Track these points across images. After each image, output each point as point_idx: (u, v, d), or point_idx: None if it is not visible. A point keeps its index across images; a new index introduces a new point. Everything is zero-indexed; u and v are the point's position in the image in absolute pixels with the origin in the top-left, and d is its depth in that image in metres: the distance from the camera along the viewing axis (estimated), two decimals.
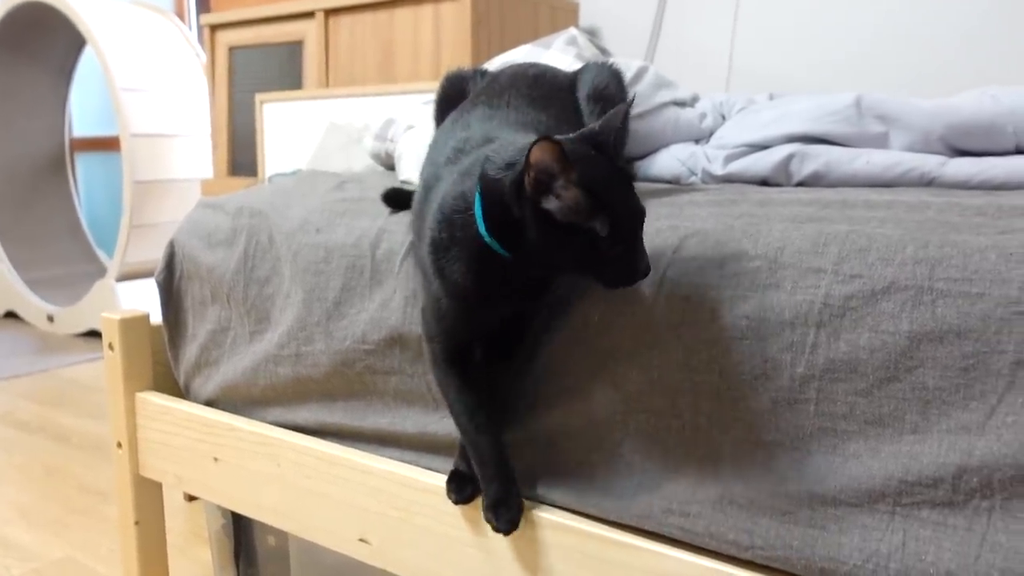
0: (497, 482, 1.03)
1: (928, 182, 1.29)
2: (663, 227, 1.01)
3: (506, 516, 1.02)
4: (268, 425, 1.37)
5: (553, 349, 1.05)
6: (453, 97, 1.24)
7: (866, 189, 1.23)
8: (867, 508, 0.83)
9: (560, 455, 1.05)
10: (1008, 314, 0.77)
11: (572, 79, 1.22)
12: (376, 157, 1.78)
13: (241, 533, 1.68)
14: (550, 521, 1.03)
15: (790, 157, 1.37)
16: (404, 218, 1.25)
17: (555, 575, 1.03)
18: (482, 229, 0.89)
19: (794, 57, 2.32)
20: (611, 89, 1.18)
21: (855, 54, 2.22)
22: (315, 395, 1.32)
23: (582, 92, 1.17)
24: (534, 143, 0.81)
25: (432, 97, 1.31)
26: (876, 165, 1.33)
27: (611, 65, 1.25)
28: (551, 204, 0.83)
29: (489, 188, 0.88)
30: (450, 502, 1.09)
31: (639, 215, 0.87)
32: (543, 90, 1.15)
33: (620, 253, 0.85)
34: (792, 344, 0.88)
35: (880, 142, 1.39)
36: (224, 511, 1.65)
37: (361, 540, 1.23)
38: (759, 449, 0.90)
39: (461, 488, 1.08)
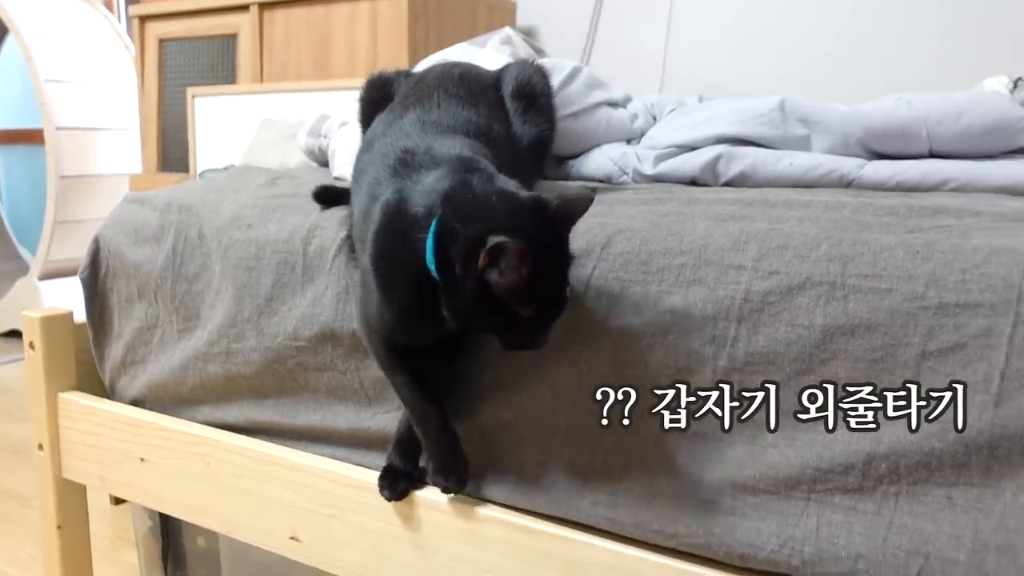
0: (443, 446, 1.04)
1: (847, 183, 1.34)
2: (593, 225, 1.03)
3: (454, 476, 1.04)
4: (197, 424, 1.35)
5: (484, 345, 1.06)
6: (378, 99, 1.25)
7: (788, 189, 1.27)
8: (784, 495, 0.86)
9: (492, 451, 1.06)
10: (914, 308, 0.81)
11: (496, 77, 1.23)
12: (310, 153, 1.77)
13: (169, 535, 1.64)
14: (481, 515, 1.04)
15: (717, 158, 1.41)
16: (336, 214, 1.24)
17: (487, 568, 1.04)
18: (430, 263, 0.88)
19: (725, 61, 2.38)
20: (536, 85, 1.20)
21: (783, 59, 2.29)
22: (246, 393, 1.31)
23: (507, 89, 1.18)
24: (500, 242, 0.79)
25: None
26: (799, 167, 1.37)
27: (534, 62, 1.26)
28: (492, 276, 0.83)
29: (443, 234, 0.87)
30: (379, 498, 1.09)
31: (561, 306, 0.87)
32: (470, 89, 1.16)
33: (530, 330, 0.87)
34: (714, 338, 0.91)
35: (803, 144, 1.43)
36: (151, 513, 1.62)
37: (292, 538, 1.22)
38: (683, 440, 0.93)
39: (395, 484, 1.09)
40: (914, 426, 0.80)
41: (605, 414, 0.97)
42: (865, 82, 2.04)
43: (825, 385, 0.85)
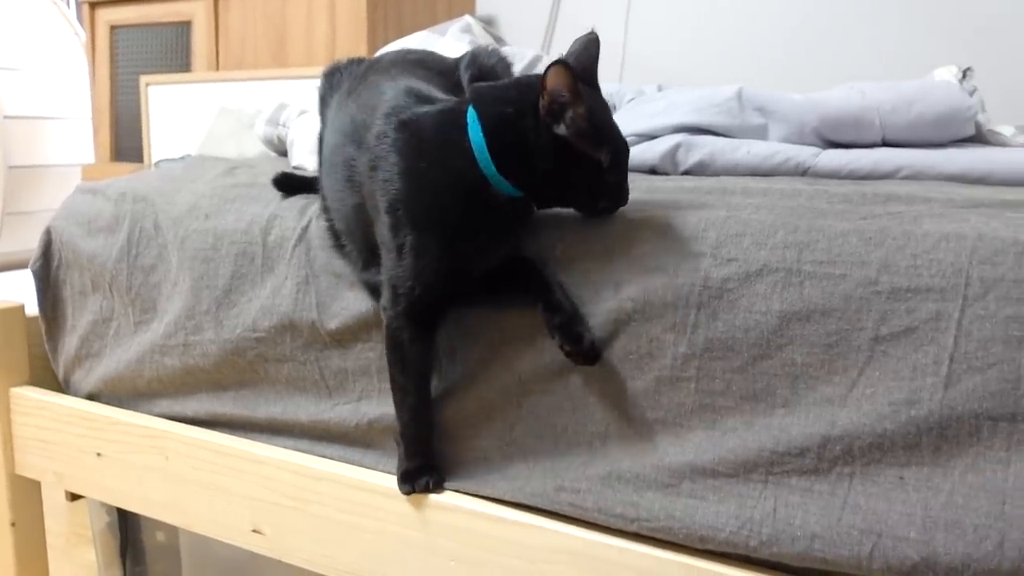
0: (421, 456, 1.05)
1: (803, 172, 1.36)
2: (550, 213, 1.03)
3: (425, 480, 1.04)
4: (154, 417, 1.33)
5: (450, 336, 1.06)
6: (332, 89, 1.23)
7: (746, 177, 1.29)
8: (742, 478, 0.87)
9: (457, 441, 1.06)
10: (867, 293, 0.83)
11: (454, 65, 1.22)
12: (268, 143, 1.75)
13: (128, 530, 1.62)
14: (445, 503, 1.04)
15: (676, 147, 1.42)
16: (296, 203, 1.23)
17: (451, 556, 1.04)
18: (487, 167, 0.93)
19: (684, 50, 2.40)
20: (496, 73, 1.19)
21: (741, 49, 2.32)
22: (205, 385, 1.29)
23: (466, 77, 1.18)
24: (549, 66, 0.88)
25: None
26: (756, 155, 1.39)
27: (493, 49, 1.25)
28: (561, 131, 0.91)
29: (495, 121, 0.93)
30: (344, 487, 1.09)
31: (627, 149, 0.98)
32: (429, 72, 1.16)
33: (615, 181, 0.96)
34: (675, 325, 0.92)
35: (760, 133, 1.45)
36: (109, 508, 1.59)
37: (254, 531, 1.21)
38: (644, 426, 0.94)
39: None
40: (867, 409, 0.82)
41: (568, 402, 0.98)
42: (821, 72, 2.07)
43: (783, 370, 0.86)
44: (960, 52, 1.73)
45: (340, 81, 1.21)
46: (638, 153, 1.45)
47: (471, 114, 0.94)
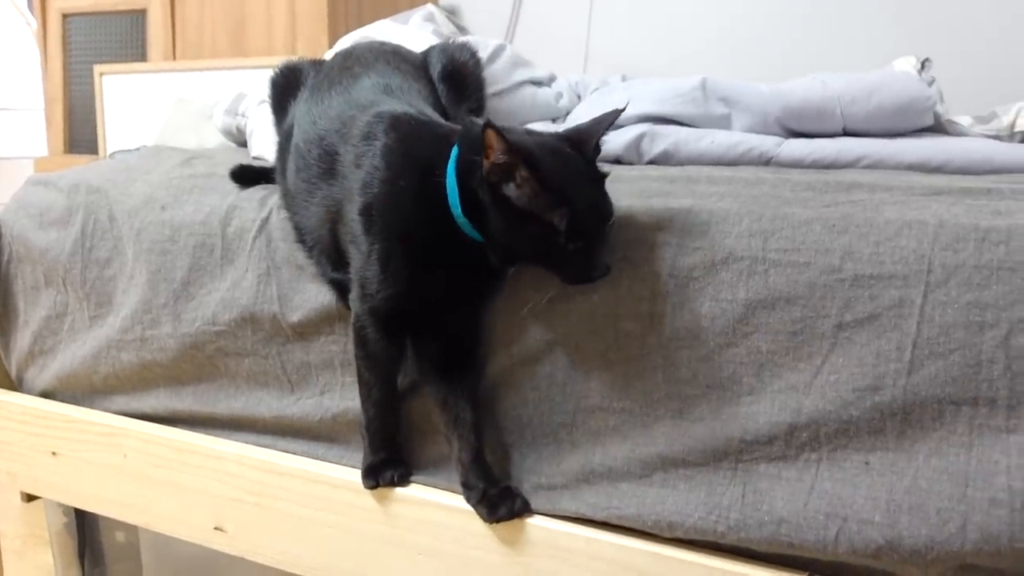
0: (387, 452, 1.04)
1: (766, 161, 1.37)
2: None
3: (388, 474, 1.03)
4: (111, 415, 1.30)
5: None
6: (289, 86, 1.21)
7: (710, 166, 1.29)
8: (712, 466, 0.88)
9: (425, 435, 1.05)
10: (831, 281, 0.84)
11: (423, 59, 1.21)
12: (227, 133, 1.71)
13: (86, 531, 1.58)
14: (411, 497, 1.03)
15: (641, 136, 1.41)
16: (256, 194, 1.21)
17: (419, 550, 1.03)
18: (455, 209, 0.89)
19: (648, 41, 2.40)
20: (464, 66, 1.18)
21: (704, 39, 2.33)
22: (162, 381, 1.26)
23: (435, 71, 1.16)
24: (484, 127, 0.82)
25: None
26: (720, 145, 1.39)
27: (461, 42, 1.24)
28: (510, 191, 0.85)
29: (467, 166, 0.89)
30: (308, 483, 1.07)
31: (603, 215, 0.88)
32: (406, 66, 1.14)
33: (578, 249, 0.86)
34: (641, 315, 0.91)
35: (723, 123, 1.45)
36: (66, 509, 1.55)
37: (216, 528, 1.19)
38: (612, 416, 0.93)
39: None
40: (832, 395, 0.82)
41: (534, 393, 0.97)
42: (783, 63, 2.08)
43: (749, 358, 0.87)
44: (919, 43, 1.75)
45: (300, 80, 1.18)
46: (602, 143, 1.44)
47: (454, 151, 0.91)
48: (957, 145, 1.37)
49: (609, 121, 0.92)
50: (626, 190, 1.04)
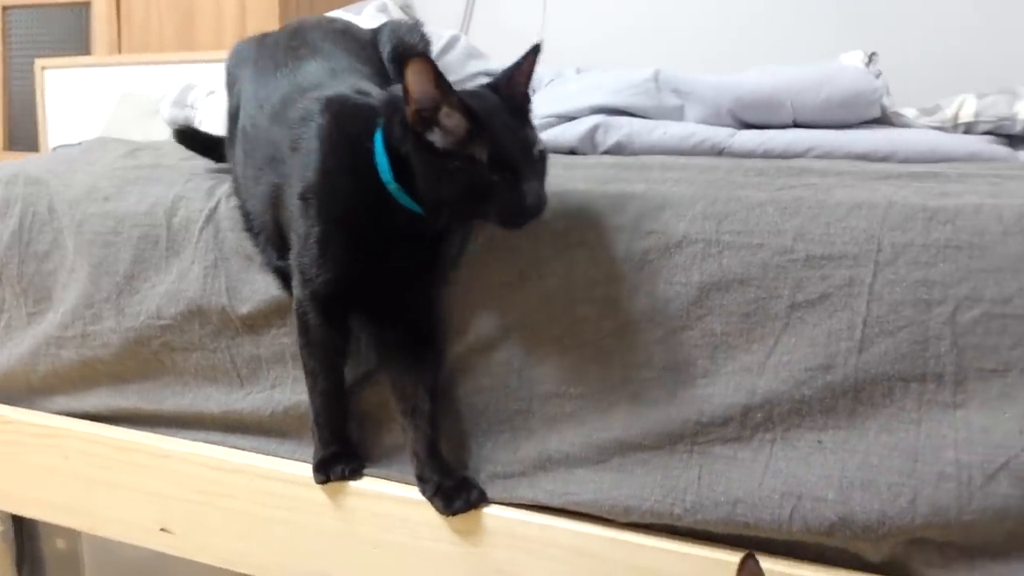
0: (337, 443, 1.02)
1: (719, 152, 1.38)
2: None
3: (340, 468, 1.01)
4: (51, 415, 1.25)
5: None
6: (241, 65, 1.18)
7: (664, 155, 1.30)
8: (668, 450, 0.87)
9: (378, 425, 1.03)
10: (784, 262, 0.84)
11: (373, 37, 1.18)
12: (174, 125, 1.67)
13: (24, 539, 1.52)
14: (365, 490, 1.01)
15: (595, 128, 1.42)
16: (204, 184, 1.18)
17: (374, 543, 1.01)
18: (386, 178, 0.88)
19: (602, 33, 2.40)
20: (415, 48, 1.16)
21: (657, 31, 2.35)
22: (105, 378, 1.22)
23: (384, 50, 1.15)
24: (407, 64, 0.81)
25: None
26: (673, 136, 1.40)
27: (413, 25, 1.22)
28: (434, 137, 0.84)
29: (391, 130, 0.88)
30: (258, 479, 1.04)
31: (527, 144, 0.86)
32: (356, 45, 1.12)
33: (505, 181, 0.84)
34: (596, 299, 0.91)
35: (676, 115, 1.46)
36: (3, 515, 1.49)
37: (163, 530, 1.15)
38: (568, 401, 0.93)
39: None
40: (785, 376, 0.83)
41: (488, 379, 0.96)
42: (733, 56, 2.11)
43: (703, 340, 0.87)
44: (866, 37, 1.78)
45: (253, 54, 1.15)
46: (557, 135, 1.44)
47: (382, 121, 0.90)
48: (903, 136, 1.40)
49: (528, 62, 0.91)
50: (581, 176, 1.04)
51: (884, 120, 1.51)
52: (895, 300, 0.79)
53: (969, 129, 1.41)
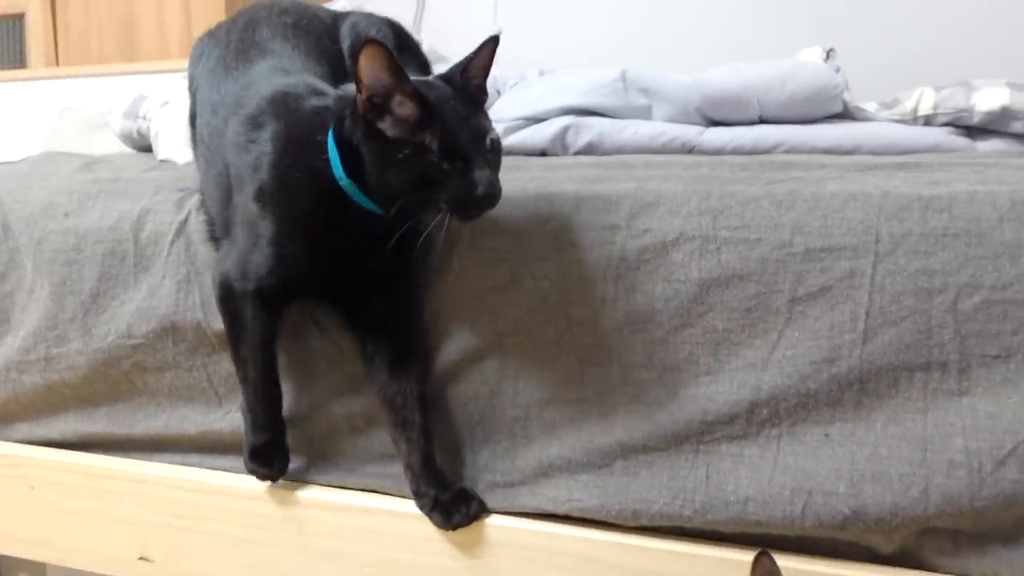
0: (269, 434, 0.99)
1: (689, 150, 1.38)
2: None
3: (276, 463, 0.99)
4: (13, 444, 1.19)
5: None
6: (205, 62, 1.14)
7: (643, 154, 1.29)
8: (674, 450, 0.86)
9: (370, 439, 1.00)
10: (782, 256, 0.84)
11: (332, 23, 1.14)
12: (126, 138, 1.60)
13: None
14: (359, 506, 0.98)
15: (566, 129, 1.41)
16: (171, 197, 1.13)
17: (368, 562, 0.98)
18: (340, 176, 0.86)
19: (553, 34, 2.40)
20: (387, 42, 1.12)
21: (611, 31, 2.35)
22: (71, 403, 1.16)
23: (345, 43, 1.11)
24: (361, 49, 0.79)
25: None
26: (643, 135, 1.40)
27: (378, 18, 1.18)
28: (385, 125, 0.82)
29: (341, 130, 0.86)
30: (241, 500, 1.00)
31: (478, 132, 0.84)
32: (310, 38, 1.08)
33: (456, 170, 0.81)
34: (593, 300, 0.89)
35: (644, 114, 1.46)
36: None
37: (141, 558, 1.10)
38: (567, 407, 0.91)
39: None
40: (790, 370, 0.83)
41: (485, 387, 0.94)
42: (689, 56, 2.12)
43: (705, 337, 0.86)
44: (821, 33, 1.82)
45: (206, 51, 1.11)
46: (527, 136, 1.43)
47: (334, 117, 0.89)
48: (866, 130, 1.42)
49: (484, 54, 0.88)
50: (565, 176, 1.03)
51: (846, 115, 1.54)
52: (897, 290, 0.80)
53: (928, 121, 1.44)
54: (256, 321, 0.94)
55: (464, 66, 0.88)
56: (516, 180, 1.03)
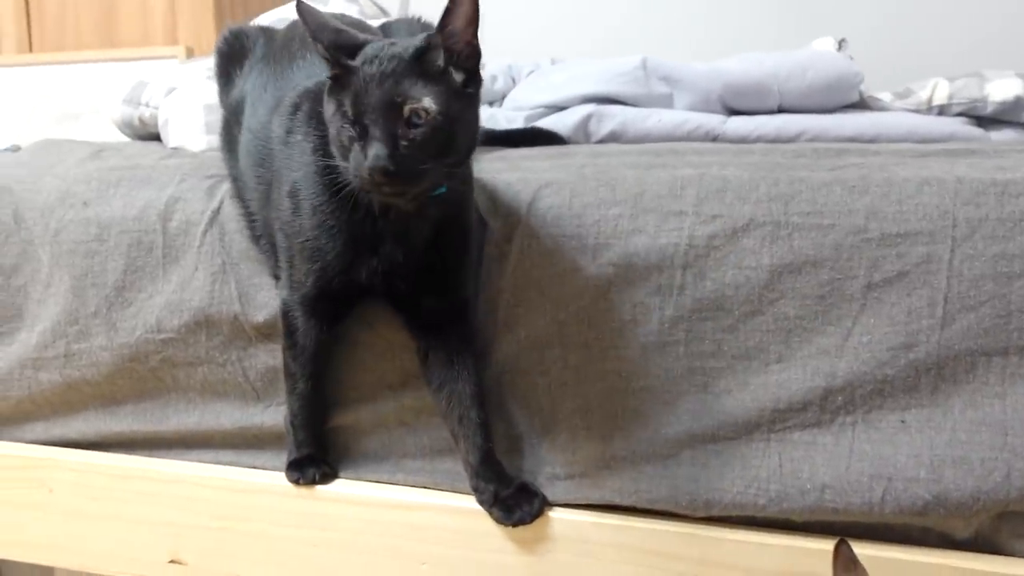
0: (313, 445, 0.99)
1: (713, 138, 1.37)
2: (512, 180, 0.96)
3: (320, 477, 0.98)
4: (30, 445, 1.13)
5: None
6: (235, 55, 1.11)
7: (686, 142, 1.28)
8: (744, 439, 0.85)
9: (419, 433, 0.97)
10: (857, 241, 0.83)
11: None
12: (126, 125, 1.53)
13: None
14: (402, 501, 0.95)
15: (588, 117, 1.39)
16: (201, 184, 1.08)
17: (423, 558, 0.95)
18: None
19: (540, 23, 2.38)
20: None
21: (603, 22, 2.34)
22: (93, 401, 1.11)
23: None
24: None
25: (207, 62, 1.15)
26: (667, 124, 1.39)
27: (421, 20, 1.17)
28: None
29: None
30: (284, 498, 0.99)
31: (389, 99, 0.75)
32: None
33: (356, 141, 0.77)
34: (660, 287, 0.88)
35: (666, 102, 1.45)
36: None
37: (173, 561, 1.05)
38: (631, 397, 0.89)
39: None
40: (866, 356, 0.82)
41: (548, 383, 0.92)
42: (701, 46, 2.12)
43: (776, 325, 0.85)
44: (833, 23, 1.83)
45: (248, 47, 1.08)
46: (550, 124, 1.40)
47: None
48: (884, 119, 1.43)
49: (465, 5, 0.78)
50: (619, 162, 1.01)
51: (862, 104, 1.55)
52: (975, 275, 0.80)
53: (943, 111, 1.46)
54: (306, 334, 0.93)
55: (442, 22, 0.78)
56: (570, 166, 1.01)
